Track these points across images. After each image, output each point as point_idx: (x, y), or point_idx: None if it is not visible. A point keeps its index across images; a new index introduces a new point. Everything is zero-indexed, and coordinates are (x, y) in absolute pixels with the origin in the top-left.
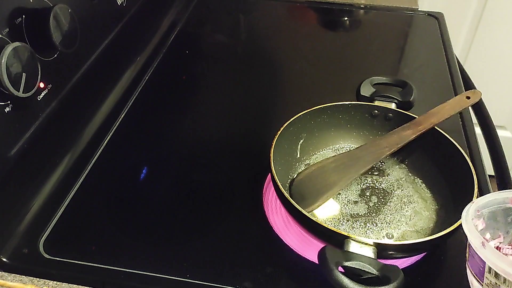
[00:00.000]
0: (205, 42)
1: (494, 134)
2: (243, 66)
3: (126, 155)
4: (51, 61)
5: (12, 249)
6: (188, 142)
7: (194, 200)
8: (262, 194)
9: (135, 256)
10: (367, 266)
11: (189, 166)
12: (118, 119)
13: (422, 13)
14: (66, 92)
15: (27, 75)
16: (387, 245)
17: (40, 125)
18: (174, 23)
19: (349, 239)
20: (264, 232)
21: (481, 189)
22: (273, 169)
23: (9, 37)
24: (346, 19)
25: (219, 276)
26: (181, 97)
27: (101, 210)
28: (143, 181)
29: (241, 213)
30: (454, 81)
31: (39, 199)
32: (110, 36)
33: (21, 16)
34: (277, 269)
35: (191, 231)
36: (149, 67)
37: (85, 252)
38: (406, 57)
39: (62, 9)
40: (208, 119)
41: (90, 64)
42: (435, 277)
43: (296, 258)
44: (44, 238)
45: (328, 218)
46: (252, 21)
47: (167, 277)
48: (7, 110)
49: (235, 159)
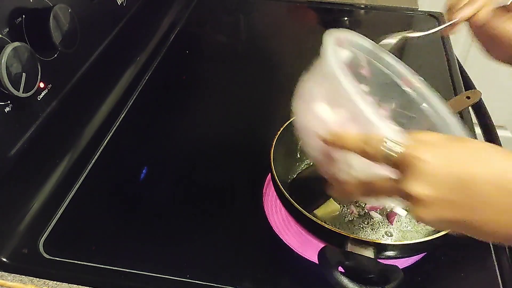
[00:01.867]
0: (205, 42)
1: (494, 134)
2: (243, 66)
3: (126, 155)
4: (51, 61)
5: (12, 249)
6: (188, 142)
7: (194, 200)
8: (262, 194)
9: (135, 256)
10: (367, 266)
11: (189, 166)
12: (118, 119)
13: (422, 13)
14: (66, 92)
15: (27, 75)
16: (387, 245)
17: (40, 125)
18: (174, 23)
19: (349, 239)
20: (264, 232)
21: None
22: (273, 169)
23: (9, 37)
24: (346, 19)
25: (219, 276)
26: (181, 97)
27: (101, 210)
28: (143, 181)
29: (241, 213)
30: (454, 81)
31: (39, 199)
32: (110, 36)
33: (21, 16)
34: (277, 269)
35: (191, 231)
36: (149, 67)
37: (85, 252)
38: (406, 57)
39: (62, 9)
40: (208, 119)
41: (90, 64)
42: (435, 277)
43: (296, 258)
44: (44, 238)
45: (328, 218)
46: (252, 21)
47: (167, 277)
48: (7, 110)
49: (235, 159)
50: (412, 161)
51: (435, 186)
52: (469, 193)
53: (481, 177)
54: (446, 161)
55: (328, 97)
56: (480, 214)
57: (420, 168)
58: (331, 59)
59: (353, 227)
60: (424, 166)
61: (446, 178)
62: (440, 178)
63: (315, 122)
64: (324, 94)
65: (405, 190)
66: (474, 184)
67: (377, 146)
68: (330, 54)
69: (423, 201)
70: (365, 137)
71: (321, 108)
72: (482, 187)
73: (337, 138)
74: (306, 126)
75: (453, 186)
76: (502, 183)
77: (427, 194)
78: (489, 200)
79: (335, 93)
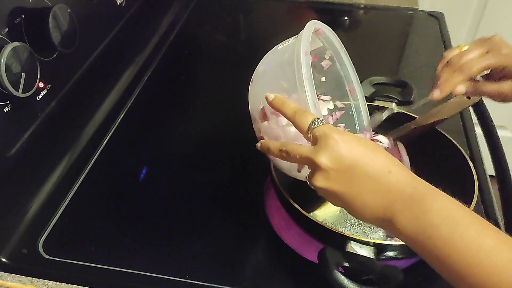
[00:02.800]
0: (205, 42)
1: (495, 134)
2: (243, 66)
3: (126, 155)
4: (51, 61)
5: (11, 249)
6: (188, 142)
7: (194, 200)
8: (262, 194)
9: (134, 256)
10: (367, 266)
11: (189, 166)
12: (118, 119)
13: (423, 13)
14: (66, 92)
15: (27, 75)
16: (387, 245)
17: (40, 125)
18: (173, 23)
19: (349, 240)
20: (265, 232)
21: (482, 189)
22: (273, 169)
23: (9, 37)
24: (346, 18)
25: (219, 276)
26: (180, 97)
27: (101, 210)
28: (143, 181)
29: (241, 214)
30: None
31: (39, 199)
32: (109, 36)
33: (21, 16)
34: (277, 269)
35: (191, 232)
36: (149, 67)
37: (85, 252)
38: (406, 57)
39: (61, 9)
40: (208, 119)
41: (89, 64)
42: (435, 277)
43: (296, 258)
44: (44, 238)
45: (328, 219)
46: (252, 21)
47: (167, 277)
48: (7, 110)
49: (236, 160)
50: (327, 137)
51: (335, 161)
52: (353, 173)
53: (365, 167)
54: (349, 146)
55: (284, 71)
56: (355, 191)
57: (330, 144)
58: (304, 43)
59: (352, 227)
60: (333, 144)
61: (345, 158)
62: (340, 156)
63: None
64: (281, 69)
65: (313, 158)
66: (359, 169)
67: (307, 119)
68: (305, 39)
69: (323, 170)
70: (301, 110)
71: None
72: (362, 173)
73: (280, 101)
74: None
75: (346, 166)
76: (376, 176)
77: (327, 165)
78: (363, 182)
79: (292, 72)
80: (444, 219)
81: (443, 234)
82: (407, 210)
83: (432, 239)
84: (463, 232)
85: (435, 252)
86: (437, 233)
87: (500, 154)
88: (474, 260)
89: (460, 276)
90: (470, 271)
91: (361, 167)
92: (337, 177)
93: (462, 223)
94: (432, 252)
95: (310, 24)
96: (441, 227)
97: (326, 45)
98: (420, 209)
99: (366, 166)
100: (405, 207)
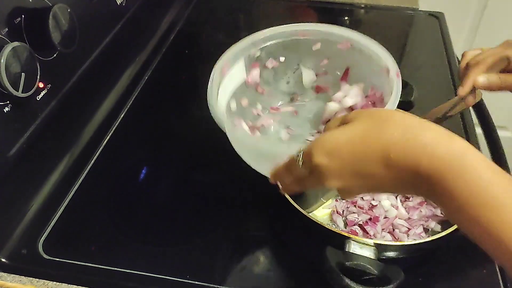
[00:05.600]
0: (205, 42)
1: (495, 134)
2: None
3: (126, 155)
4: (50, 61)
5: (11, 250)
6: (188, 142)
7: (194, 200)
8: (262, 195)
9: (134, 256)
10: (367, 266)
11: (188, 166)
12: (118, 119)
13: (423, 13)
14: (66, 92)
15: (26, 75)
16: (387, 245)
17: (39, 125)
18: (173, 23)
19: (350, 240)
20: (265, 232)
21: None
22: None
23: (8, 37)
24: (346, 18)
25: (219, 277)
26: (180, 97)
27: (100, 211)
28: (143, 181)
29: (241, 214)
30: (454, 81)
31: (38, 199)
32: (109, 36)
33: (20, 16)
34: (277, 269)
35: (191, 232)
36: (149, 67)
37: (84, 253)
38: (407, 57)
39: (61, 9)
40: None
41: (89, 64)
42: (435, 277)
43: (296, 258)
44: (43, 238)
45: (329, 219)
46: (252, 21)
47: (167, 277)
48: (6, 110)
49: (235, 159)
50: (311, 147)
51: (329, 156)
52: (354, 157)
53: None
54: (335, 139)
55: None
56: (364, 175)
57: (318, 143)
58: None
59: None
60: (320, 143)
61: (336, 150)
62: (332, 150)
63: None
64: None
65: (309, 161)
66: (354, 154)
67: (291, 159)
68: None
69: (325, 169)
70: (285, 162)
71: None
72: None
73: (275, 175)
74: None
75: (343, 156)
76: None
77: (324, 162)
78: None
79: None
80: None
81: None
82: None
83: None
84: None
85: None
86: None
87: (500, 154)
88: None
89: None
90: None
91: (356, 151)
92: (342, 169)
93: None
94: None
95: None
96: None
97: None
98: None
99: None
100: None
